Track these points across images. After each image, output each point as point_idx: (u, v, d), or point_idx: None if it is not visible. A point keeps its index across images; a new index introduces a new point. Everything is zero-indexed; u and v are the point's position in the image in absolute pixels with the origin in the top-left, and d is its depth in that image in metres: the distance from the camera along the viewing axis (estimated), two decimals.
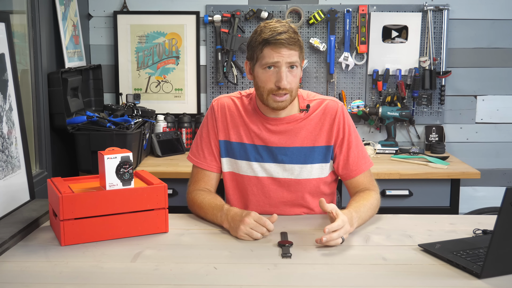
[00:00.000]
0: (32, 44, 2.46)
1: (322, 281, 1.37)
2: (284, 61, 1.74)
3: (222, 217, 1.72)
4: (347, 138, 1.88)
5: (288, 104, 1.82)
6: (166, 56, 3.34)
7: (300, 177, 1.88)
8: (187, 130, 3.28)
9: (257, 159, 1.89)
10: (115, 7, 3.32)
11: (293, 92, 1.79)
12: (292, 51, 1.75)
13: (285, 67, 1.75)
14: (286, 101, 1.80)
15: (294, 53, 1.75)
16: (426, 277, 1.39)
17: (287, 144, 1.88)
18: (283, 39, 1.72)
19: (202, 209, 1.81)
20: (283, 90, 1.76)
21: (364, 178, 1.90)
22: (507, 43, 3.33)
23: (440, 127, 3.35)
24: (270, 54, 1.75)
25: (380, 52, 3.30)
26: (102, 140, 2.65)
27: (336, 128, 1.87)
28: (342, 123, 1.88)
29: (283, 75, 1.74)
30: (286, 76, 1.75)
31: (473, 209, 3.28)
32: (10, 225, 1.67)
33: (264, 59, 1.76)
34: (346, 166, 1.89)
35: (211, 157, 1.93)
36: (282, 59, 1.74)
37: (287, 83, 1.75)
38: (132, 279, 1.38)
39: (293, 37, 1.74)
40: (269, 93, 1.78)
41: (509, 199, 1.31)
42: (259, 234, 1.63)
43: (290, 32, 1.74)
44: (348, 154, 1.88)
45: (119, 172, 1.63)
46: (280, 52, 1.74)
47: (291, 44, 1.74)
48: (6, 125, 1.88)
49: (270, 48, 1.74)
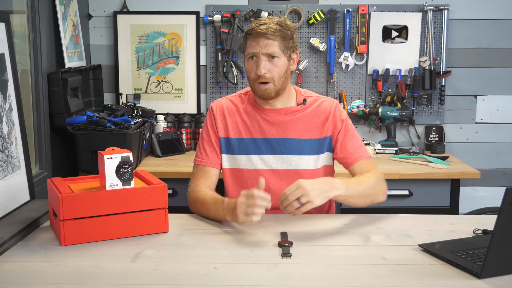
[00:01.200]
0: (32, 44, 2.46)
1: (322, 281, 1.37)
2: (261, 51, 1.83)
3: (224, 211, 1.73)
4: (345, 127, 1.95)
5: (273, 93, 1.88)
6: (166, 56, 3.34)
7: (298, 168, 1.93)
8: (187, 130, 3.28)
9: (256, 152, 1.95)
10: (115, 7, 3.32)
11: (275, 81, 1.87)
12: (270, 40, 1.83)
13: (263, 56, 1.83)
14: (270, 90, 1.87)
15: (272, 42, 1.83)
16: (426, 277, 1.39)
17: (285, 135, 1.94)
18: (261, 29, 1.83)
19: (204, 205, 1.82)
20: (263, 78, 1.84)
21: (366, 164, 1.94)
22: (507, 43, 3.33)
23: (440, 127, 3.35)
24: (250, 44, 1.86)
25: (380, 52, 3.30)
26: (102, 140, 2.65)
27: (332, 120, 1.94)
28: (339, 115, 1.95)
29: (260, 63, 1.84)
30: (264, 65, 1.84)
31: (473, 209, 3.28)
32: (10, 225, 1.67)
33: (247, 49, 1.89)
34: (344, 153, 1.94)
35: (213, 154, 1.97)
36: (260, 49, 1.84)
37: (264, 71, 1.83)
38: (132, 279, 1.38)
39: (273, 28, 1.83)
40: (254, 81, 1.88)
41: (509, 199, 1.31)
42: (258, 210, 1.60)
43: (271, 23, 1.84)
44: (345, 141, 1.94)
45: (119, 172, 1.63)
46: (258, 42, 1.84)
47: (269, 33, 1.82)
48: (6, 125, 1.88)
49: (251, 39, 1.86)
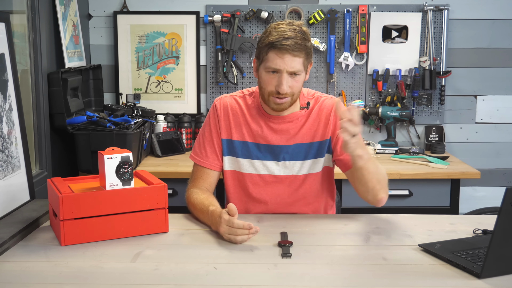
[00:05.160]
0: (32, 44, 2.46)
1: (322, 281, 1.37)
2: (286, 69, 1.75)
3: (210, 221, 1.71)
4: None
5: (288, 106, 1.85)
6: (166, 56, 3.34)
7: (300, 173, 1.91)
8: (187, 130, 3.28)
9: (259, 157, 1.91)
10: (115, 7, 3.32)
11: (294, 95, 1.82)
12: (297, 58, 1.75)
13: (286, 73, 1.76)
14: (286, 103, 1.83)
15: (298, 60, 1.75)
16: (426, 277, 1.39)
17: (289, 142, 1.90)
18: (288, 45, 1.72)
19: (195, 209, 1.82)
20: (283, 95, 1.78)
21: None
22: (507, 43, 3.33)
23: (440, 127, 3.35)
24: (274, 58, 1.76)
25: (380, 52, 3.30)
26: (102, 140, 2.65)
27: (333, 121, 1.90)
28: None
29: (283, 81, 1.76)
30: (287, 82, 1.77)
31: (473, 209, 3.28)
32: (10, 225, 1.67)
33: (267, 62, 1.77)
34: (344, 154, 1.85)
35: (213, 156, 1.94)
36: (285, 67, 1.75)
37: (287, 88, 1.77)
38: (132, 279, 1.38)
39: (299, 43, 1.74)
40: (270, 95, 1.81)
41: (509, 199, 1.31)
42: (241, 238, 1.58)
43: (297, 38, 1.74)
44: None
45: (119, 172, 1.63)
46: (283, 58, 1.74)
47: (296, 50, 1.74)
48: (6, 125, 1.88)
49: (275, 52, 1.75)
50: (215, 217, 1.66)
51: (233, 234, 1.58)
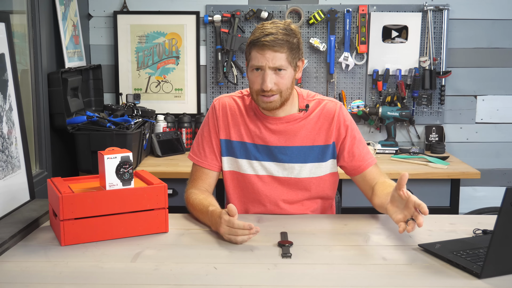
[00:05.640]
0: (32, 44, 2.46)
1: (322, 281, 1.37)
2: (267, 65, 1.75)
3: (208, 222, 1.72)
4: (350, 133, 1.89)
5: (278, 104, 1.82)
6: (166, 56, 3.34)
7: (300, 176, 1.89)
8: (187, 130, 3.28)
9: (257, 158, 1.90)
10: (115, 7, 3.32)
11: (282, 92, 1.79)
12: (278, 53, 1.74)
13: (269, 70, 1.75)
14: (275, 101, 1.80)
15: (280, 55, 1.74)
16: (426, 277, 1.39)
17: (287, 143, 1.88)
18: (267, 41, 1.72)
19: (194, 209, 1.82)
20: (269, 92, 1.77)
21: (376, 170, 1.90)
22: (507, 43, 3.33)
23: (440, 127, 3.35)
24: (256, 56, 1.76)
25: (380, 52, 3.30)
26: (102, 140, 2.65)
27: (336, 126, 1.88)
28: (342, 120, 1.88)
29: (267, 78, 1.75)
30: (271, 79, 1.76)
31: (473, 209, 3.28)
32: (10, 225, 1.67)
33: (251, 60, 1.79)
34: (354, 160, 1.88)
35: (212, 156, 1.93)
36: (266, 63, 1.74)
37: (271, 84, 1.76)
38: (132, 279, 1.38)
39: (280, 39, 1.73)
40: (257, 94, 1.80)
41: (509, 199, 1.31)
42: (241, 238, 1.58)
43: (278, 34, 1.73)
44: (353, 148, 1.88)
45: (119, 172, 1.63)
46: (264, 55, 1.74)
47: (276, 46, 1.73)
48: (6, 125, 1.88)
49: (256, 50, 1.76)
50: (215, 218, 1.66)
51: (233, 234, 1.58)
